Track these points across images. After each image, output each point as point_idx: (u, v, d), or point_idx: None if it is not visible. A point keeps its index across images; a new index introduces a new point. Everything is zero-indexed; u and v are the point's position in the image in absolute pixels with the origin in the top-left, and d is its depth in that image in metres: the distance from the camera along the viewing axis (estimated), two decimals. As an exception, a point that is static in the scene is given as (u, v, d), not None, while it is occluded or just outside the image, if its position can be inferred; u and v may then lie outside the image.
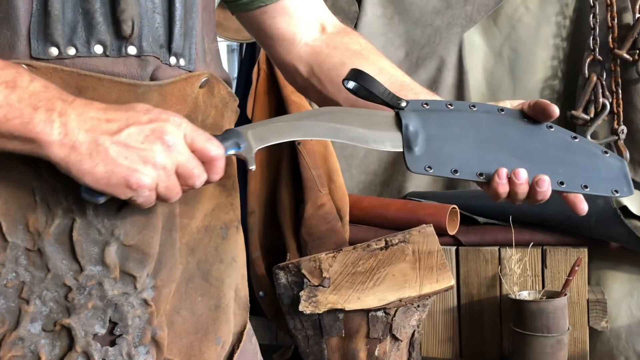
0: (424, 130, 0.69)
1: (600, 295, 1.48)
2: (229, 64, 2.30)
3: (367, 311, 1.28)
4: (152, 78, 0.65)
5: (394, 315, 1.30)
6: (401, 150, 0.69)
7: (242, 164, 0.69)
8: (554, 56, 1.67)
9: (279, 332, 1.78)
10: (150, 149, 0.57)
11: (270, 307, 1.68)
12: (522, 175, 0.68)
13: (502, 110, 0.72)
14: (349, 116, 0.70)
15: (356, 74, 0.70)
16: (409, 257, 1.27)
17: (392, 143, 0.68)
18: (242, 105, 1.13)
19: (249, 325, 0.84)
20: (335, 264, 1.30)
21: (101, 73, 0.62)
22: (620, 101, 1.49)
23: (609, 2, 1.48)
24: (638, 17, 1.47)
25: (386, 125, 0.69)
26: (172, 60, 0.68)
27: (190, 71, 0.70)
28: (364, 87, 0.70)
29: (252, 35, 0.90)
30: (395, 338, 1.31)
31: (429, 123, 0.69)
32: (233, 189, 0.81)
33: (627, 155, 1.47)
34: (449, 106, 0.71)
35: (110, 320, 0.65)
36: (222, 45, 0.84)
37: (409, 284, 1.26)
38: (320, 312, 1.29)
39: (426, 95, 0.79)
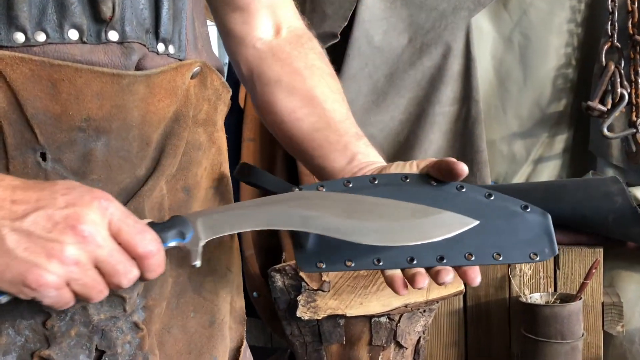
0: None
1: (616, 298, 1.44)
2: (219, 49, 2.21)
3: (369, 317, 1.23)
4: (138, 68, 0.59)
5: (399, 321, 1.25)
6: (386, 244, 0.61)
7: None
8: (568, 43, 1.61)
9: (274, 334, 1.73)
10: (59, 240, 0.48)
11: (264, 308, 1.63)
12: (421, 283, 0.61)
13: (406, 178, 0.66)
14: (326, 202, 0.61)
15: (244, 170, 0.68)
16: (415, 259, 1.22)
17: (378, 236, 0.59)
18: (234, 94, 1.07)
19: (245, 341, 0.79)
20: (336, 267, 1.25)
21: (78, 62, 0.55)
22: (639, 92, 1.43)
23: (628, -16, 1.42)
24: (660, 1, 1.41)
25: (373, 213, 0.61)
26: (160, 47, 0.62)
27: (180, 59, 0.64)
28: (253, 182, 0.69)
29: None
30: (399, 345, 1.26)
31: None
32: (227, 191, 0.75)
33: (646, 149, 1.42)
34: (347, 184, 0.66)
35: (96, 349, 0.59)
36: (212, 29, 0.79)
37: (415, 288, 1.21)
38: (320, 318, 1.23)
39: (351, 139, 0.74)
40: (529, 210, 0.65)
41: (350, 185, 0.66)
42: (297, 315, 1.24)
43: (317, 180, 0.79)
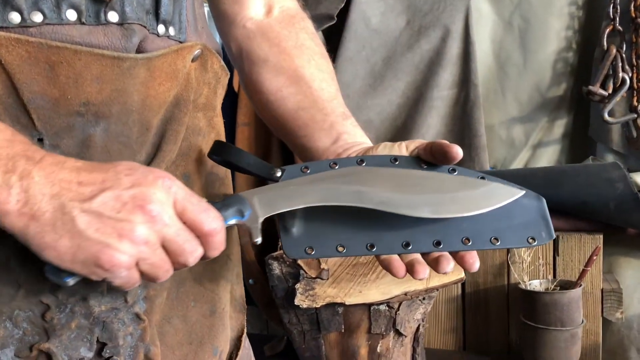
0: None
1: (615, 284, 1.44)
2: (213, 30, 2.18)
3: (369, 305, 1.23)
4: (139, 50, 0.57)
5: (398, 309, 1.24)
6: (440, 216, 0.60)
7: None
8: (569, 26, 1.60)
9: (270, 322, 1.72)
10: (129, 219, 0.49)
11: (260, 295, 1.63)
12: (422, 273, 0.60)
13: (395, 160, 0.65)
14: (376, 177, 0.61)
15: (219, 148, 0.64)
16: (415, 246, 1.21)
17: (431, 208, 0.59)
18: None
19: (245, 330, 0.79)
20: (335, 254, 1.24)
21: (77, 44, 0.53)
22: (641, 76, 1.43)
23: (631, -34, 1.41)
24: (663, -16, 1.40)
25: (424, 186, 0.61)
26: (161, 29, 0.60)
27: (181, 42, 0.63)
28: (228, 161, 0.64)
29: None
30: (399, 333, 1.26)
31: None
32: (226, 177, 0.74)
33: (647, 134, 1.42)
34: (333, 166, 0.64)
35: (97, 341, 0.58)
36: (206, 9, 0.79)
37: (415, 276, 1.20)
38: (318, 306, 1.23)
39: (337, 119, 0.73)
40: (523, 193, 0.64)
41: (337, 167, 0.64)
42: (295, 303, 1.23)
43: None
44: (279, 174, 0.64)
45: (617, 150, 1.53)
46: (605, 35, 1.47)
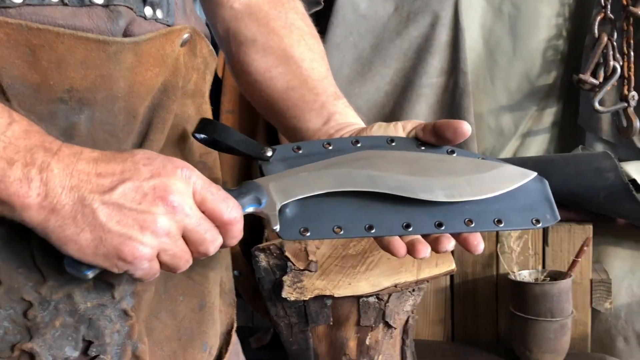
0: None
1: (605, 275, 1.45)
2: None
3: (358, 297, 1.22)
4: (126, 34, 0.55)
5: (387, 301, 1.24)
6: (455, 199, 0.59)
7: None
8: (559, 13, 1.60)
9: (256, 313, 1.71)
10: (150, 211, 0.49)
11: (246, 287, 1.61)
12: (423, 252, 0.60)
13: (392, 140, 0.64)
14: (388, 161, 0.60)
15: (205, 125, 0.62)
16: (405, 237, 1.20)
17: (445, 192, 0.58)
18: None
19: (235, 324, 0.77)
20: (323, 246, 1.23)
21: (59, 27, 0.51)
22: (632, 65, 1.43)
23: (622, -48, 1.41)
24: (654, -29, 1.40)
25: (438, 169, 0.60)
26: (148, 11, 0.58)
27: (169, 25, 0.61)
28: (214, 140, 0.62)
29: None
30: (388, 325, 1.25)
31: None
32: (215, 166, 0.73)
33: (637, 124, 1.42)
34: (327, 146, 0.63)
35: (83, 339, 0.56)
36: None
37: (405, 267, 1.20)
38: (306, 298, 1.21)
39: (328, 99, 0.71)
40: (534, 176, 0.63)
41: (330, 147, 0.63)
42: (283, 296, 1.21)
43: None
44: (269, 153, 0.62)
45: (606, 139, 1.53)
46: (597, 23, 1.46)
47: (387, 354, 1.27)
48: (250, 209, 0.56)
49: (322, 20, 1.65)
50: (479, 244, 0.61)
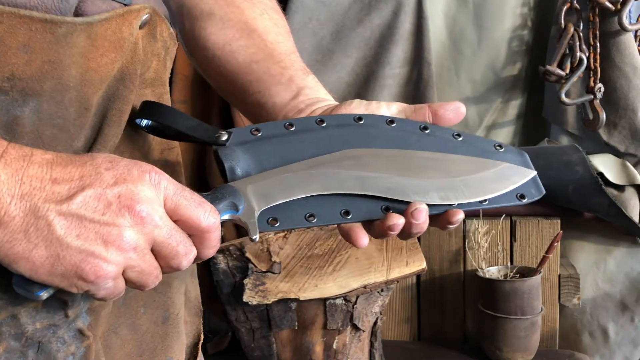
0: (259, 169, 0.55)
1: (572, 270, 1.46)
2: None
3: (324, 299, 1.18)
4: (77, 13, 0.49)
5: (355, 303, 1.20)
6: (450, 202, 0.55)
7: None
8: (524, 2, 1.59)
9: (212, 317, 1.65)
10: (115, 223, 0.44)
11: (201, 289, 1.54)
12: (419, 213, 0.54)
13: (391, 121, 0.60)
14: (378, 160, 0.56)
15: (149, 109, 0.56)
16: (375, 236, 1.16)
17: (440, 194, 0.55)
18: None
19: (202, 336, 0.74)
20: (287, 246, 1.18)
21: None
22: (598, 56, 1.44)
23: (588, -59, 1.41)
24: (620, -40, 1.40)
25: (432, 169, 0.56)
26: None
27: (125, 4, 0.54)
28: (161, 124, 0.57)
29: None
30: (356, 328, 1.21)
31: (266, 157, 0.56)
32: (177, 163, 0.68)
33: (604, 116, 1.43)
34: (288, 127, 0.59)
35: None
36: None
37: (374, 267, 1.16)
38: (269, 302, 1.16)
39: (297, 73, 0.67)
40: (503, 150, 0.60)
41: (293, 129, 0.58)
42: (244, 300, 1.16)
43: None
44: (224, 137, 0.57)
45: (571, 132, 1.53)
46: (563, 13, 1.46)
47: (355, 357, 1.23)
48: (225, 216, 0.51)
49: (279, 5, 1.59)
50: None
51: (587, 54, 1.44)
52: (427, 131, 0.59)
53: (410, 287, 1.51)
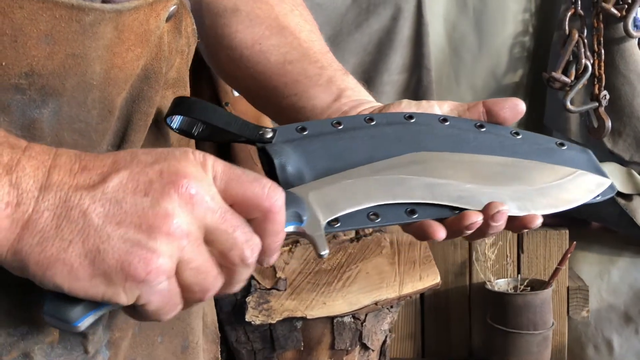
0: (309, 167, 0.51)
1: (581, 282, 1.43)
2: None
3: (331, 317, 1.12)
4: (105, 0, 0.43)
5: (364, 321, 1.15)
6: (529, 213, 0.51)
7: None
8: (526, 8, 1.57)
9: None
10: (160, 204, 0.36)
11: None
12: (502, 215, 0.50)
13: (444, 120, 0.56)
14: (448, 165, 0.51)
15: (185, 106, 0.51)
16: (386, 249, 1.12)
17: (518, 204, 0.50)
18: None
19: None
20: (293, 261, 1.12)
21: None
22: (602, 63, 1.42)
23: (591, -55, 1.39)
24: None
25: (505, 175, 0.52)
26: None
27: None
28: (198, 119, 0.51)
29: None
30: (365, 347, 1.16)
31: (315, 155, 0.52)
32: None
33: (609, 124, 1.41)
34: (336, 125, 0.55)
35: None
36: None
37: (386, 282, 1.11)
38: (274, 321, 1.10)
39: (336, 73, 0.63)
40: (565, 147, 0.57)
41: (341, 127, 0.54)
42: (246, 319, 1.10)
43: (256, 160, 0.64)
44: (269, 134, 0.52)
45: (574, 140, 1.51)
46: (567, 19, 1.44)
47: (363, 378, 1.18)
48: (290, 228, 0.44)
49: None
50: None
51: (591, 61, 1.42)
52: (483, 129, 0.56)
53: (414, 301, 1.47)
